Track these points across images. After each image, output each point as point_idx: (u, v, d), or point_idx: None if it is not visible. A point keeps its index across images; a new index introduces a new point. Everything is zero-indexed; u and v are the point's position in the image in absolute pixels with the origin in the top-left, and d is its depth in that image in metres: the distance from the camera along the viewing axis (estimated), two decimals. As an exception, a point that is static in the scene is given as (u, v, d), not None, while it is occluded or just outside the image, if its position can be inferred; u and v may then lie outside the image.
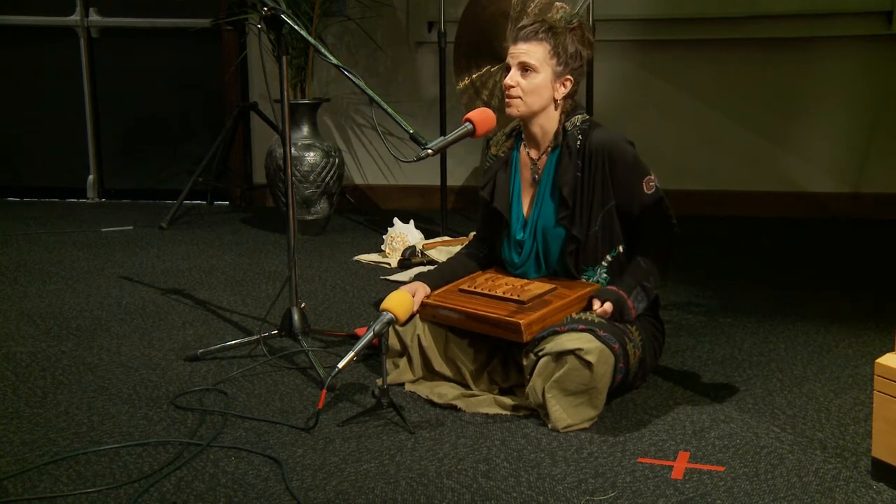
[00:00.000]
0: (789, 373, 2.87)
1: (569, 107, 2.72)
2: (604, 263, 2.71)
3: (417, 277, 2.86)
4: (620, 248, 2.71)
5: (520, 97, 2.66)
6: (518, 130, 2.83)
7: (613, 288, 2.63)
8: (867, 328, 3.24)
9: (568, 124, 2.70)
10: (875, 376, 2.15)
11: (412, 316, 2.71)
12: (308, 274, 4.02)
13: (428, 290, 2.77)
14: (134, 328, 3.33)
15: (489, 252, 2.92)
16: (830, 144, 4.98)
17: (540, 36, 2.65)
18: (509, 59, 2.69)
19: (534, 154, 2.77)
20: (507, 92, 2.67)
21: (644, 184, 2.66)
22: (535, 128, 2.73)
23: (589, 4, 3.92)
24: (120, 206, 5.50)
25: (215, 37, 5.33)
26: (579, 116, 2.72)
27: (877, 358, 2.18)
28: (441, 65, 4.43)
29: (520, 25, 2.69)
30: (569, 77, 2.69)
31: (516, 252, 2.79)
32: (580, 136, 2.68)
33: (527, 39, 2.66)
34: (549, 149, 2.74)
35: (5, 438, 2.46)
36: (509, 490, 2.17)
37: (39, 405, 2.67)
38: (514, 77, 2.66)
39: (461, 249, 3.03)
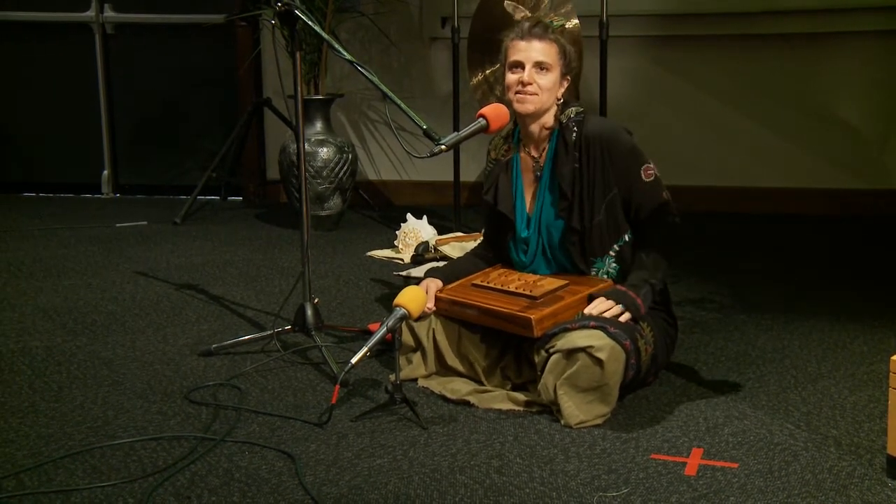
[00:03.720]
0: (803, 370, 2.86)
1: (562, 102, 2.76)
2: (611, 253, 2.71)
3: (428, 273, 2.87)
4: (627, 237, 2.72)
5: (537, 94, 2.68)
6: (515, 133, 2.84)
7: (622, 288, 2.62)
8: (882, 325, 3.22)
9: (562, 117, 2.73)
10: (890, 373, 2.14)
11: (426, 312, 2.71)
12: (321, 269, 4.03)
13: (440, 284, 2.78)
14: (148, 323, 3.34)
15: (497, 254, 2.93)
16: (847, 140, 4.95)
17: (551, 36, 2.71)
18: (520, 57, 2.70)
19: (534, 152, 2.79)
20: (523, 89, 2.68)
21: (642, 171, 2.68)
22: (535, 126, 2.75)
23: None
24: (134, 202, 5.52)
25: (229, 33, 5.34)
26: (573, 109, 2.74)
27: (892, 355, 2.17)
28: (454, 60, 4.42)
29: (530, 25, 2.72)
30: (568, 76, 2.75)
31: (522, 251, 2.80)
32: (575, 128, 2.69)
33: (541, 38, 2.69)
34: (546, 146, 2.76)
35: (21, 432, 2.47)
36: (522, 486, 2.17)
37: (55, 399, 2.69)
38: (531, 75, 2.68)
39: (471, 250, 3.04)
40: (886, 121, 4.89)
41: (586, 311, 2.58)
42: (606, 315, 2.55)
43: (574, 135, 2.69)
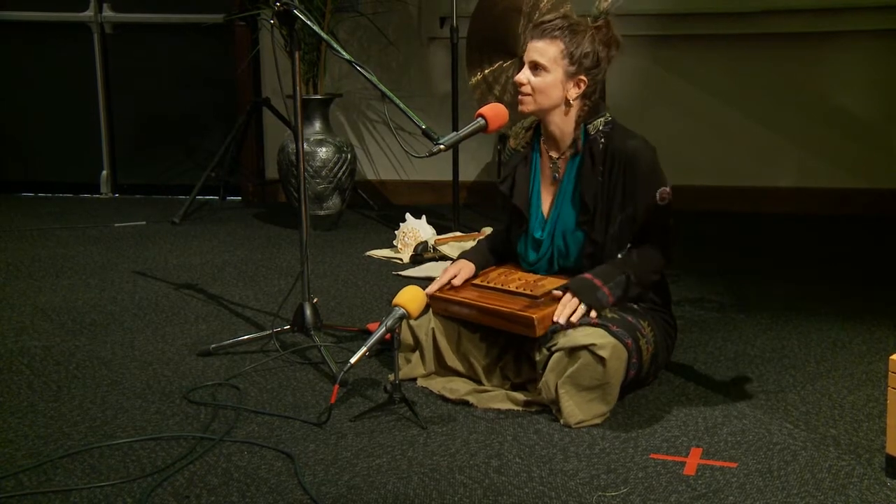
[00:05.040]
0: (802, 369, 2.86)
1: (587, 107, 2.68)
2: None
3: (462, 256, 2.86)
4: (629, 247, 2.70)
5: (530, 94, 2.65)
6: (537, 125, 2.81)
7: (588, 277, 2.57)
8: (881, 325, 3.22)
9: (590, 127, 2.67)
10: (889, 373, 2.14)
11: (426, 309, 2.70)
12: (320, 269, 4.02)
13: (473, 268, 2.78)
14: (147, 323, 3.34)
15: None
16: (845, 140, 4.95)
17: (555, 34, 2.62)
18: (524, 56, 2.68)
19: (553, 153, 2.75)
20: (518, 89, 2.67)
21: (658, 194, 2.63)
22: (552, 127, 2.71)
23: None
24: (133, 202, 5.52)
25: (228, 32, 5.34)
26: (602, 119, 2.68)
27: (891, 354, 2.17)
28: (453, 60, 4.42)
29: (539, 21, 2.67)
30: (583, 78, 2.65)
31: (533, 249, 2.78)
32: (603, 140, 2.65)
33: (541, 37, 2.63)
34: (570, 152, 2.71)
35: (20, 432, 2.47)
36: (521, 486, 2.17)
37: (54, 399, 2.68)
38: (524, 75, 2.65)
39: (491, 233, 3.00)
40: (886, 121, 4.89)
41: (555, 318, 2.50)
42: (572, 320, 2.49)
43: (601, 146, 2.64)
